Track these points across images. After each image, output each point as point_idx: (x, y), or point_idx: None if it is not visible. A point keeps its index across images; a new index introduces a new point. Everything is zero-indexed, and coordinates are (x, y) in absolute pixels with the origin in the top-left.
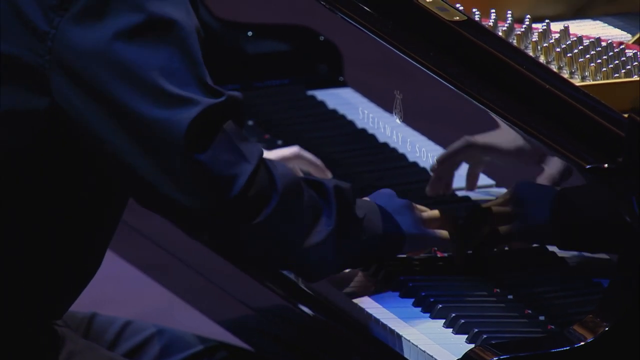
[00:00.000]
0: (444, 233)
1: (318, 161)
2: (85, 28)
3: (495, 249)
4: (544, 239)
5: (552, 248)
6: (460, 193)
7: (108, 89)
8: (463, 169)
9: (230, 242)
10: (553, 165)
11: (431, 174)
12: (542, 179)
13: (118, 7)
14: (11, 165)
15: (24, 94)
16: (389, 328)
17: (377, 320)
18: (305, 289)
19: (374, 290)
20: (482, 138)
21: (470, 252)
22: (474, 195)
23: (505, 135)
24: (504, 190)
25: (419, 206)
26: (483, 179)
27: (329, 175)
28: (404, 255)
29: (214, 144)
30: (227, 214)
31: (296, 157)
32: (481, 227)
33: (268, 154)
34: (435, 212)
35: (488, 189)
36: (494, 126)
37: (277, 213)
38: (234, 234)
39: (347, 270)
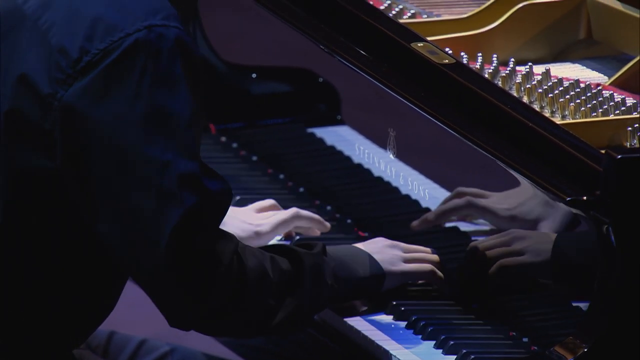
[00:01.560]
0: (424, 267)
1: (316, 216)
2: (86, 106)
3: (485, 281)
4: (538, 275)
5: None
6: (449, 224)
7: (101, 171)
8: None
9: (206, 331)
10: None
11: (422, 205)
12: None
13: (119, 92)
14: (28, 212)
15: (34, 154)
16: (383, 349)
17: (372, 342)
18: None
19: (367, 312)
20: (482, 202)
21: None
22: (462, 225)
23: (501, 203)
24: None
25: (401, 244)
26: None
27: (328, 227)
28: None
29: (192, 245)
30: (201, 311)
31: (295, 217)
32: (473, 266)
33: (267, 222)
34: (416, 250)
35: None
36: (481, 162)
37: (248, 305)
38: (210, 325)
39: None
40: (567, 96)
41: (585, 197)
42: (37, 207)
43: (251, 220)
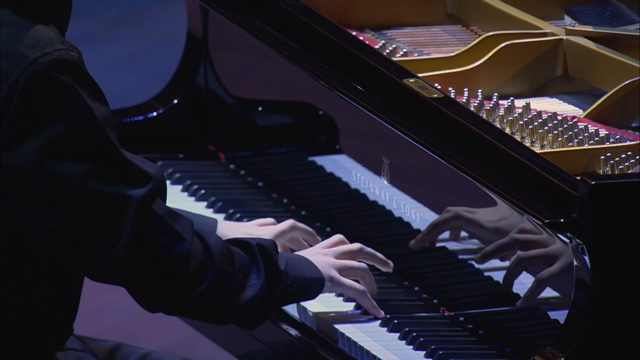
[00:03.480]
0: (359, 288)
1: (310, 229)
2: (9, 150)
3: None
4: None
5: (516, 290)
6: (438, 244)
7: (46, 199)
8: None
9: (175, 311)
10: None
11: (414, 227)
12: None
13: (27, 131)
14: None
15: None
16: (365, 349)
17: (368, 352)
18: (312, 327)
19: (356, 319)
20: (468, 214)
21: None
22: (450, 245)
23: (487, 216)
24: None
25: (332, 250)
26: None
27: (319, 239)
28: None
29: (151, 230)
30: (171, 291)
31: (291, 228)
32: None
33: (267, 232)
34: (350, 265)
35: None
36: (467, 187)
37: (215, 280)
38: (179, 304)
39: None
40: (546, 127)
41: (562, 220)
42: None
43: (253, 231)
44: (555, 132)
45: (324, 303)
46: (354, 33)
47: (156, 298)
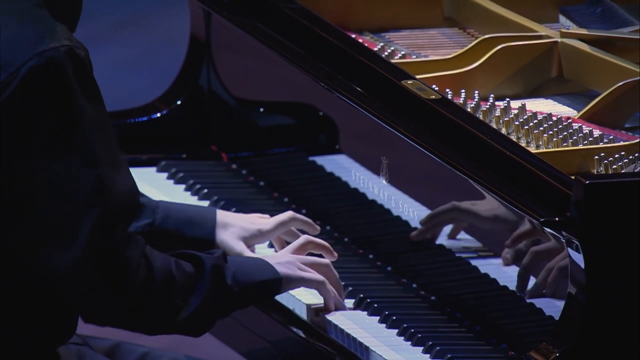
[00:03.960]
0: (316, 277)
1: (309, 220)
2: None
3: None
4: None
5: (512, 288)
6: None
7: (16, 190)
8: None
9: (117, 324)
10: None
11: (412, 225)
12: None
13: (23, 117)
14: None
15: None
16: (364, 345)
17: (367, 347)
18: (308, 322)
19: (346, 309)
20: (466, 204)
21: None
22: (448, 243)
23: (484, 205)
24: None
25: (299, 257)
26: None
27: (317, 228)
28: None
29: (104, 247)
30: (113, 307)
31: (291, 219)
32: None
33: (267, 222)
34: (312, 260)
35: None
36: (464, 186)
37: (154, 301)
38: (121, 319)
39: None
40: (541, 128)
41: (557, 218)
42: None
43: (254, 221)
44: (550, 132)
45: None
46: (353, 36)
47: (97, 309)
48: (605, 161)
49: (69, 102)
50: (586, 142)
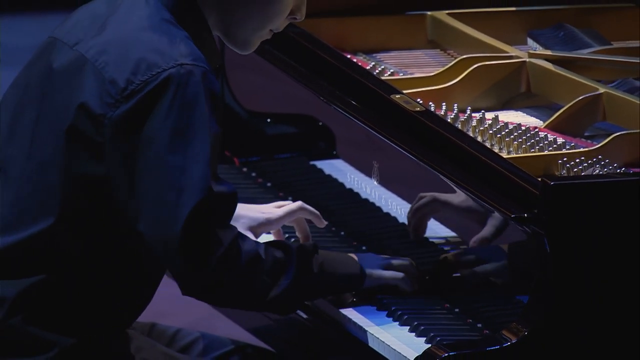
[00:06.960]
0: (397, 275)
1: (316, 212)
2: (129, 123)
3: (447, 278)
4: (493, 277)
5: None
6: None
7: (139, 173)
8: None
9: (210, 299)
10: (492, 220)
11: (399, 221)
12: (486, 230)
13: (155, 113)
14: (80, 211)
15: (89, 162)
16: (369, 332)
17: (360, 327)
18: (314, 305)
19: (356, 304)
20: (443, 196)
21: (427, 278)
22: (431, 238)
23: (459, 196)
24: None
25: (388, 258)
26: (448, 232)
27: (324, 222)
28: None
29: (200, 230)
30: (206, 282)
31: (300, 209)
32: (445, 268)
33: (276, 211)
34: (398, 263)
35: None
36: (445, 187)
37: (239, 281)
38: (213, 294)
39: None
40: (512, 136)
41: (526, 215)
42: (87, 207)
43: (263, 210)
44: (520, 140)
45: None
46: (348, 56)
47: (192, 283)
48: (568, 165)
49: (198, 108)
50: (551, 148)
